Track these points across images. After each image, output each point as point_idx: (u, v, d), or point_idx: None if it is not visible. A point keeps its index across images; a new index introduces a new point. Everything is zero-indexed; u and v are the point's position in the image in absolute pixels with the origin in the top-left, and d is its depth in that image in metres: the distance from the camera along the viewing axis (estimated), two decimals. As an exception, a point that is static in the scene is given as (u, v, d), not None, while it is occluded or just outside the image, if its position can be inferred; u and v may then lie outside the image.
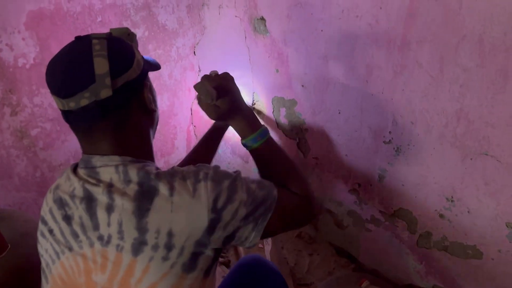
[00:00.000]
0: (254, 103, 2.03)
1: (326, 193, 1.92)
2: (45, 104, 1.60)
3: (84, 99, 0.81)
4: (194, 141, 2.38)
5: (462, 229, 1.45)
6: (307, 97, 1.75)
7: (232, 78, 1.11)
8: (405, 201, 1.59)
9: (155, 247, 0.80)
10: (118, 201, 0.81)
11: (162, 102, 2.09)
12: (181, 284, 0.82)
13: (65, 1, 1.54)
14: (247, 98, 2.04)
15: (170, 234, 0.80)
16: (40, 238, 0.93)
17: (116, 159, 0.85)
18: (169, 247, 0.80)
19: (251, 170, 2.25)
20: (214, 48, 2.09)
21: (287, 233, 2.16)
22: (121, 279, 0.81)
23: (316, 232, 2.10)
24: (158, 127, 2.07)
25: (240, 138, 1.17)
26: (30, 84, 1.54)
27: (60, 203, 0.87)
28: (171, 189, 0.82)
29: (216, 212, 0.83)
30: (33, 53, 1.51)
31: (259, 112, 2.02)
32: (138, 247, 0.80)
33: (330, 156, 1.80)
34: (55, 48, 1.56)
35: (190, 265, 0.82)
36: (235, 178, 0.90)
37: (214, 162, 2.46)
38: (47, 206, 0.91)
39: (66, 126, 1.69)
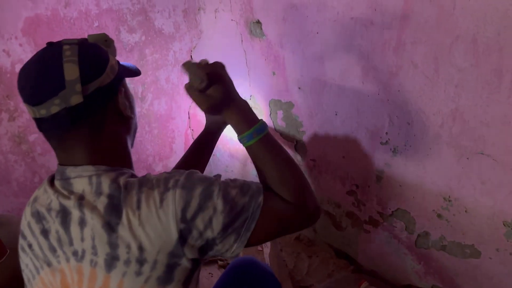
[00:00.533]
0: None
1: (324, 195, 1.92)
2: (42, 109, 1.60)
3: (54, 106, 0.78)
4: (192, 145, 2.38)
5: (460, 228, 1.46)
6: (304, 99, 1.76)
7: (223, 66, 0.99)
8: (403, 201, 1.60)
9: (127, 262, 0.77)
10: (88, 215, 0.79)
11: (160, 107, 2.10)
12: None
13: (62, 7, 1.55)
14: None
15: (140, 248, 0.77)
16: (20, 252, 0.90)
17: (90, 169, 0.82)
18: (141, 261, 0.77)
19: (249, 173, 2.25)
20: (211, 52, 2.10)
21: (285, 236, 2.16)
22: None
23: (315, 234, 2.10)
24: (156, 131, 2.10)
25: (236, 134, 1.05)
26: (27, 90, 1.54)
27: (38, 217, 0.85)
28: (138, 201, 0.79)
29: (185, 222, 0.79)
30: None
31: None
32: (110, 262, 0.78)
33: (327, 158, 1.80)
34: (52, 54, 1.57)
35: (165, 278, 0.79)
36: (211, 183, 0.85)
37: (212, 165, 2.47)
38: (26, 220, 0.88)
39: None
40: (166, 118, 2.16)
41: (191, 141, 2.36)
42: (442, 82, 1.29)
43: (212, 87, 0.95)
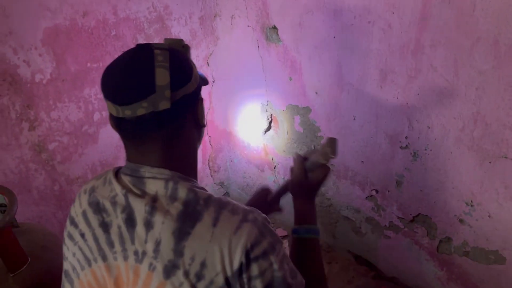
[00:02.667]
0: (268, 114, 2.03)
1: (343, 200, 1.90)
2: (62, 118, 1.62)
3: (141, 109, 0.78)
4: (210, 152, 2.38)
5: (483, 234, 1.43)
6: (321, 104, 1.75)
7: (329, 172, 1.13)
8: (424, 206, 1.57)
9: (187, 273, 0.77)
10: (159, 218, 0.79)
11: (177, 114, 2.10)
12: None
13: (80, 17, 1.56)
14: (259, 109, 2.04)
15: (203, 264, 0.77)
16: (67, 240, 0.89)
17: (166, 173, 0.83)
18: (199, 276, 0.77)
19: (266, 179, 2.25)
20: (227, 58, 2.11)
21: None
22: None
23: (334, 240, 2.08)
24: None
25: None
26: (47, 99, 1.56)
27: (97, 207, 0.85)
28: (216, 219, 0.79)
29: (247, 259, 0.78)
30: (49, 68, 1.53)
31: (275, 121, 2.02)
32: (170, 270, 0.77)
33: (346, 163, 1.79)
34: (71, 63, 1.59)
35: None
36: (277, 240, 0.84)
37: (230, 171, 2.48)
38: (80, 208, 0.87)
39: (83, 139, 1.72)
40: (183, 125, 2.17)
41: (208, 147, 2.37)
42: (462, 85, 1.27)
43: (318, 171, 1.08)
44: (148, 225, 0.79)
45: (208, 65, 2.16)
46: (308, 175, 1.10)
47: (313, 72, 1.71)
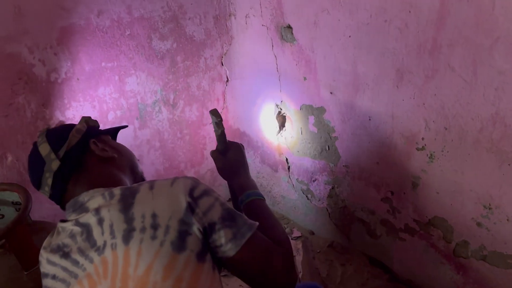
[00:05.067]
0: (282, 114, 2.02)
1: (358, 202, 1.88)
2: (76, 117, 1.63)
3: (48, 179, 1.00)
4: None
5: (501, 237, 1.40)
6: (336, 104, 1.73)
7: (243, 146, 1.37)
8: (440, 209, 1.55)
9: (143, 229, 0.86)
10: (105, 212, 0.90)
11: (191, 113, 2.10)
12: (174, 264, 0.85)
13: (95, 16, 1.57)
14: (273, 109, 2.03)
15: (154, 216, 0.87)
16: None
17: (100, 190, 0.97)
18: (154, 226, 0.86)
19: (280, 179, 2.24)
20: (241, 58, 2.10)
21: (318, 242, 2.14)
22: (121, 274, 0.85)
23: (349, 242, 2.06)
24: (187, 138, 2.11)
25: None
26: (62, 98, 1.57)
27: (57, 249, 0.93)
28: (151, 186, 0.93)
29: (192, 198, 0.91)
30: (64, 67, 1.54)
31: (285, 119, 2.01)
32: (128, 235, 0.86)
33: (361, 164, 1.76)
34: (86, 62, 1.60)
35: (178, 244, 0.86)
36: (212, 189, 0.99)
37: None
38: (44, 259, 0.95)
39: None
40: (197, 125, 2.17)
41: (222, 147, 2.36)
42: (481, 85, 1.24)
43: (230, 151, 1.30)
44: (100, 221, 0.90)
45: (222, 64, 2.15)
46: (226, 156, 1.30)
47: (328, 71, 1.69)
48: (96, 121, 1.21)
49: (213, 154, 1.33)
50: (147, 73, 1.83)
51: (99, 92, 1.68)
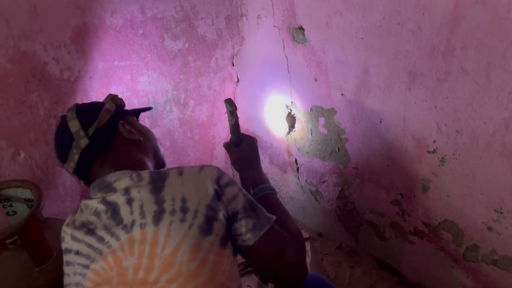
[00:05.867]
0: (292, 115, 2.02)
1: (367, 204, 1.88)
2: (89, 115, 1.64)
3: (75, 155, 1.04)
4: (233, 152, 2.38)
5: (512, 242, 1.39)
6: (346, 106, 1.73)
7: (256, 140, 1.42)
8: (450, 212, 1.54)
9: (173, 212, 0.90)
10: (135, 192, 0.93)
11: (202, 113, 2.11)
12: (199, 246, 0.89)
13: (108, 15, 1.58)
14: (283, 110, 2.04)
15: (183, 200, 0.92)
16: (66, 268, 1.00)
17: (127, 172, 1.00)
18: (184, 210, 0.91)
19: (289, 180, 2.24)
20: (252, 59, 2.10)
21: (326, 244, 2.13)
22: (148, 252, 0.88)
23: (357, 244, 2.06)
24: (197, 137, 2.12)
25: None
26: (74, 96, 1.58)
27: (82, 225, 0.97)
28: (180, 171, 0.98)
29: (219, 186, 0.96)
30: (78, 66, 1.55)
31: (295, 120, 2.01)
32: (158, 216, 0.90)
33: (371, 166, 1.76)
34: (99, 61, 1.61)
35: (206, 228, 0.91)
36: (235, 180, 1.04)
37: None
38: (68, 235, 0.99)
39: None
40: (207, 125, 2.18)
41: (231, 147, 2.37)
42: (494, 89, 1.24)
43: (244, 144, 1.35)
44: (129, 201, 0.93)
45: (233, 65, 2.16)
46: (239, 148, 1.34)
47: (339, 73, 1.69)
48: (122, 99, 1.24)
49: (226, 145, 1.37)
50: (158, 72, 1.84)
51: (111, 91, 1.69)
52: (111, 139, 1.09)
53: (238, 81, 2.22)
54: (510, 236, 1.39)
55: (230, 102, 1.28)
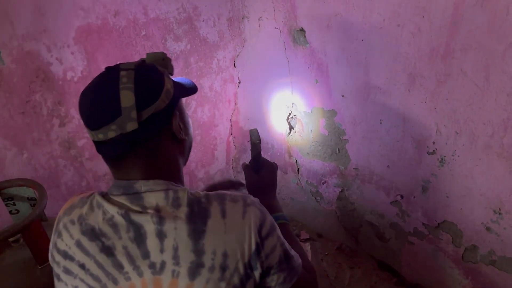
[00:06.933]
0: (292, 117, 2.03)
1: (367, 205, 1.89)
2: (91, 115, 1.65)
3: (111, 132, 0.80)
4: (234, 152, 2.40)
5: (511, 243, 1.40)
6: (347, 107, 1.74)
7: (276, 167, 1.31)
8: (449, 213, 1.55)
9: (212, 269, 0.79)
10: (170, 225, 0.80)
11: (203, 114, 2.12)
12: None
13: (111, 16, 1.59)
14: (284, 111, 2.05)
15: (225, 255, 0.80)
16: (63, 275, 0.86)
17: (161, 183, 0.84)
18: (224, 267, 0.80)
19: (290, 181, 2.25)
20: (253, 60, 2.12)
21: (326, 245, 2.14)
22: None
23: (357, 245, 2.07)
24: (199, 138, 2.13)
25: None
26: (77, 97, 1.57)
27: (93, 234, 0.82)
28: (223, 211, 0.82)
29: (260, 238, 0.84)
30: (81, 66, 1.57)
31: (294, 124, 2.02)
32: (195, 270, 0.79)
33: (371, 167, 1.77)
34: (102, 62, 1.62)
35: (239, 287, 0.82)
36: (272, 218, 0.92)
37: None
38: (72, 239, 0.85)
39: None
40: (209, 126, 2.19)
41: (232, 148, 2.38)
42: (493, 90, 1.25)
43: (264, 171, 1.24)
44: (161, 235, 0.80)
45: (235, 66, 2.17)
46: (259, 174, 1.25)
47: (340, 75, 1.70)
48: (173, 67, 0.98)
49: (246, 168, 1.27)
50: (160, 73, 1.85)
51: (113, 92, 1.70)
52: (159, 132, 0.87)
53: (239, 82, 2.23)
54: (509, 237, 1.39)
55: (255, 134, 1.24)
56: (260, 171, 1.25)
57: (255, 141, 1.23)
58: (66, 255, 0.85)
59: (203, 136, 2.18)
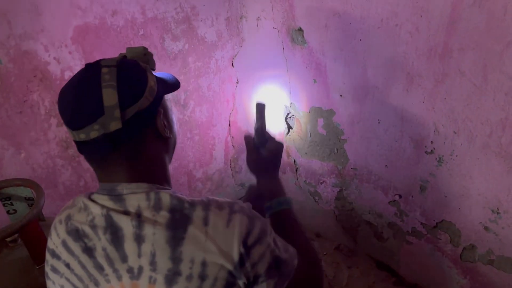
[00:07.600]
0: (290, 116, 2.03)
1: (365, 205, 1.89)
2: (89, 115, 1.65)
3: (94, 132, 0.77)
4: (232, 153, 2.39)
5: (509, 242, 1.40)
6: (345, 107, 1.74)
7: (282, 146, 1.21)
8: (448, 212, 1.55)
9: (189, 277, 0.76)
10: (149, 230, 0.77)
11: (201, 114, 2.12)
12: None
13: (109, 16, 1.59)
14: (283, 111, 2.05)
15: (204, 264, 0.77)
16: (51, 273, 0.86)
17: (144, 186, 0.82)
18: (202, 277, 0.77)
19: (288, 181, 2.25)
20: (252, 60, 2.12)
21: (325, 244, 2.14)
22: None
23: (355, 245, 2.07)
24: (197, 138, 2.13)
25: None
26: (75, 96, 1.59)
27: (77, 235, 0.82)
28: (206, 218, 0.79)
29: (245, 247, 0.79)
30: (78, 66, 1.57)
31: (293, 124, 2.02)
32: (172, 278, 0.77)
33: (369, 167, 1.77)
34: (99, 61, 1.62)
35: None
36: (266, 222, 0.87)
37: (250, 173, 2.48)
38: (59, 238, 0.84)
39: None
40: (207, 125, 2.19)
41: (231, 148, 2.38)
42: (491, 90, 1.25)
43: (268, 149, 1.15)
44: (139, 239, 0.78)
45: (233, 66, 2.17)
46: (260, 151, 1.16)
47: (338, 74, 1.70)
48: (154, 62, 0.95)
49: (248, 143, 1.19)
50: (158, 73, 1.85)
51: (111, 91, 1.69)
52: (143, 131, 0.84)
53: (237, 82, 2.23)
54: (507, 236, 1.40)
55: (259, 106, 1.21)
56: (262, 147, 1.17)
57: (258, 113, 1.19)
58: (53, 254, 0.85)
59: (201, 136, 2.18)
